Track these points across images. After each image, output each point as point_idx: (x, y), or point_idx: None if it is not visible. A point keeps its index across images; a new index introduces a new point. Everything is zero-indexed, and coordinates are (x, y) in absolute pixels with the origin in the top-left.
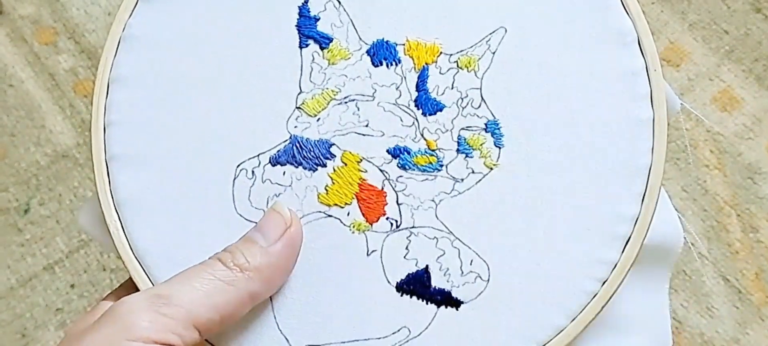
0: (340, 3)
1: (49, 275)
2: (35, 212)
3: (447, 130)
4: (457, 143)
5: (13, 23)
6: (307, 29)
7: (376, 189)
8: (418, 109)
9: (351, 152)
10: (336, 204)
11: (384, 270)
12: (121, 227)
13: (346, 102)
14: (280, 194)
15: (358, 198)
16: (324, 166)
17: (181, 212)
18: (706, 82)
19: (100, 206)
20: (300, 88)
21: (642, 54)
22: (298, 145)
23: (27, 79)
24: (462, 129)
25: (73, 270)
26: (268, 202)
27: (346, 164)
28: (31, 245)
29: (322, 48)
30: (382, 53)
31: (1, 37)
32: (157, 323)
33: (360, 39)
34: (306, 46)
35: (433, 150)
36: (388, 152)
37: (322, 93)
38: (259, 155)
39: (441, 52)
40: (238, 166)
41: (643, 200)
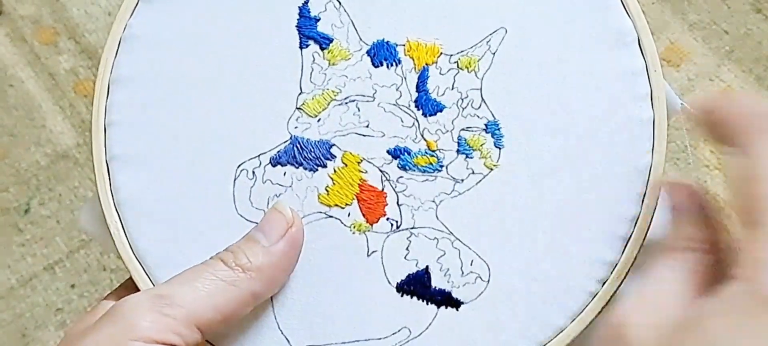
0: (340, 3)
1: (49, 275)
2: (35, 212)
3: (447, 131)
4: (458, 144)
5: (13, 23)
6: (307, 30)
7: (376, 190)
8: (418, 109)
9: (351, 153)
10: (336, 205)
11: (384, 271)
12: (122, 227)
13: (347, 103)
14: (280, 195)
15: (358, 199)
16: (324, 166)
17: (181, 213)
18: (706, 83)
19: (101, 207)
20: (300, 88)
21: (642, 54)
22: (298, 145)
23: (27, 79)
24: (462, 130)
25: (74, 270)
26: (268, 202)
27: (346, 165)
28: (31, 245)
29: (322, 48)
30: (382, 54)
31: (1, 37)
32: (158, 323)
33: (360, 39)
34: (306, 46)
35: (433, 151)
36: (388, 153)
37: (323, 93)
38: (259, 156)
39: (441, 53)
40: (238, 166)
41: (643, 201)
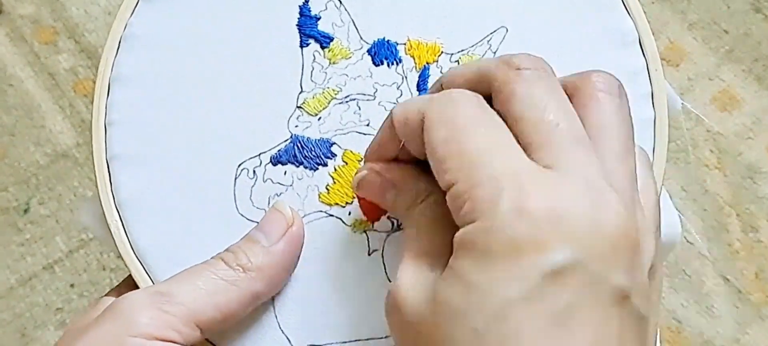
0: (340, 2)
1: (49, 275)
2: (35, 212)
3: None
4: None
5: (12, 23)
6: (307, 28)
7: None
8: None
9: (352, 151)
10: (337, 203)
11: (385, 269)
12: (122, 226)
13: (347, 101)
14: (281, 194)
15: (359, 197)
16: (325, 165)
17: (182, 212)
18: (706, 82)
19: (101, 206)
20: (301, 87)
21: (643, 53)
22: (299, 144)
23: (27, 78)
24: None
25: (73, 270)
26: (269, 201)
27: (347, 163)
28: (31, 245)
29: (322, 47)
30: (383, 53)
31: (1, 37)
32: (158, 320)
33: (361, 38)
34: (307, 45)
35: None
36: None
37: (323, 92)
38: (260, 155)
39: (442, 52)
40: (239, 165)
41: None
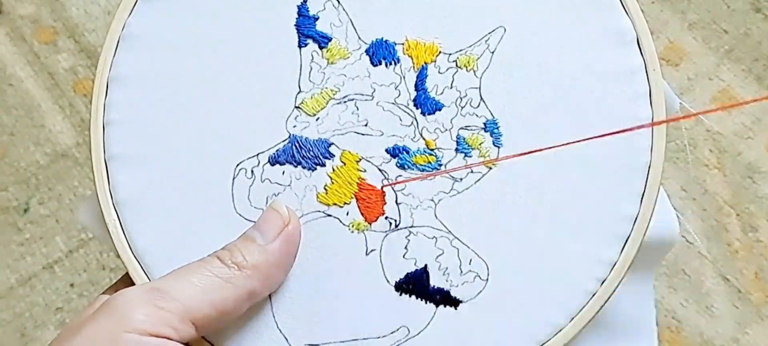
0: (339, 2)
1: (48, 275)
2: (35, 212)
3: (446, 130)
4: (456, 143)
5: (12, 23)
6: (306, 28)
7: (375, 188)
8: (417, 108)
9: (350, 152)
10: (335, 203)
11: (383, 269)
12: (121, 226)
13: (345, 101)
14: (279, 194)
15: (357, 197)
16: (323, 165)
17: (180, 212)
18: (705, 82)
19: (99, 205)
20: (299, 87)
21: (641, 53)
22: (297, 144)
23: (26, 78)
24: (461, 128)
25: (73, 269)
26: (267, 201)
27: (345, 164)
28: (31, 245)
29: (321, 47)
30: (381, 53)
31: (1, 37)
32: (153, 316)
33: (359, 38)
34: (305, 45)
35: (432, 149)
36: (387, 152)
37: (322, 92)
38: (258, 155)
39: (440, 52)
40: (237, 165)
41: (642, 200)
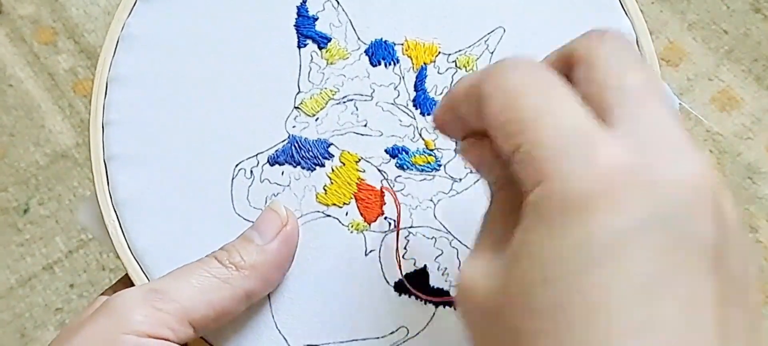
0: (338, 3)
1: (48, 275)
2: (34, 212)
3: None
4: (456, 143)
5: (12, 23)
6: (305, 29)
7: (374, 189)
8: (416, 108)
9: (349, 152)
10: (334, 204)
11: (382, 270)
12: (120, 226)
13: (345, 102)
14: (278, 194)
15: (356, 198)
16: (322, 166)
17: (179, 212)
18: (705, 82)
19: (99, 206)
20: (298, 87)
21: (640, 54)
22: (296, 144)
23: (26, 78)
24: None
25: (73, 270)
26: (266, 201)
27: (344, 164)
28: (31, 245)
29: (320, 48)
30: (380, 53)
31: (0, 37)
32: (151, 318)
33: (358, 39)
34: (304, 45)
35: (431, 150)
36: (386, 152)
37: (321, 93)
38: (257, 155)
39: (439, 52)
40: (236, 165)
41: None
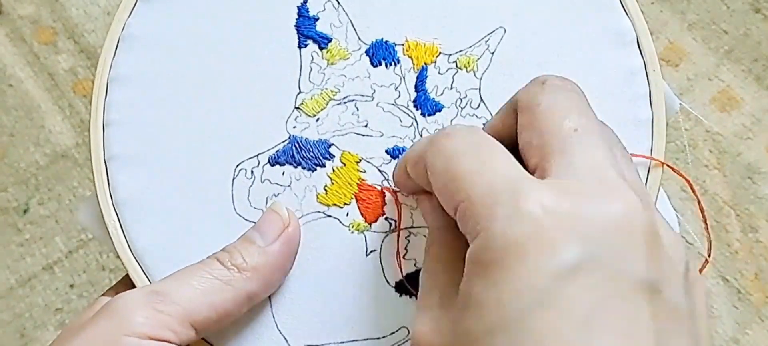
0: (339, 3)
1: (48, 275)
2: (34, 212)
3: None
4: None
5: (12, 23)
6: (306, 29)
7: (375, 189)
8: (417, 109)
9: (350, 152)
10: (335, 204)
11: (383, 270)
12: (121, 226)
13: (345, 102)
14: (279, 194)
15: (357, 198)
16: (323, 166)
17: (180, 212)
18: (705, 82)
19: (99, 206)
20: (299, 88)
21: (641, 54)
22: (297, 145)
23: (26, 79)
24: None
25: (73, 270)
26: (267, 202)
27: (345, 164)
28: (31, 245)
29: (321, 48)
30: (381, 53)
31: (0, 37)
32: (153, 319)
33: (359, 39)
34: (305, 46)
35: None
36: (387, 153)
37: (321, 93)
38: (258, 155)
39: (440, 53)
40: (237, 166)
41: None
